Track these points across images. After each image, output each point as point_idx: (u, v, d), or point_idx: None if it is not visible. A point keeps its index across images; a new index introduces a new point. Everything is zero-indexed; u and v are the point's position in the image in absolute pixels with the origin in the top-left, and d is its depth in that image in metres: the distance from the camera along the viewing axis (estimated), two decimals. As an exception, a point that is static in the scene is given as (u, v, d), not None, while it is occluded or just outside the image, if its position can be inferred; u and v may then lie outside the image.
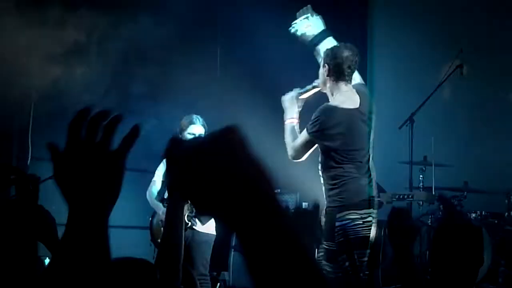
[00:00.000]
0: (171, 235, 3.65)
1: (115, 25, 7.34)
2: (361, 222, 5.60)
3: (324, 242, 5.72)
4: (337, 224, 5.64)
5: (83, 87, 7.28)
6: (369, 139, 5.89)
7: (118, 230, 9.84)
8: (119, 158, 2.34)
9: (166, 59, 8.46)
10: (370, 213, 5.65)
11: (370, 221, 5.61)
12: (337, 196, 5.80)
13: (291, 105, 6.14)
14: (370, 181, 5.81)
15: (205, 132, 7.30)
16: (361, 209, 5.67)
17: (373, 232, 5.64)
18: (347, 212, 5.66)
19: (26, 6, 7.17)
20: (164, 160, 5.51)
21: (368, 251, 5.61)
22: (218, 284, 8.97)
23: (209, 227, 7.09)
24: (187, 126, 7.27)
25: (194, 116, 7.37)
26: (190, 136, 7.14)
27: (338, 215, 5.65)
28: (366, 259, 5.59)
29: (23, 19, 6.97)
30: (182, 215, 3.71)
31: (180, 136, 7.23)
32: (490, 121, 9.46)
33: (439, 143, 9.09)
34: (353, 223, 5.59)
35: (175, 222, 3.64)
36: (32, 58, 7.04)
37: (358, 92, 5.95)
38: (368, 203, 5.67)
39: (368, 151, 5.91)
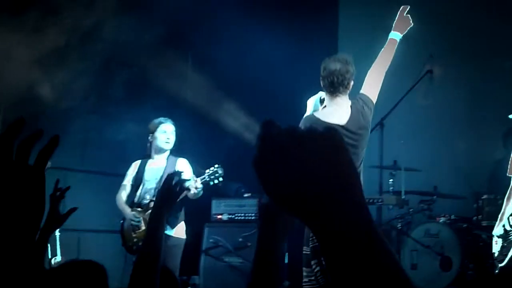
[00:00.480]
0: (152, 242, 3.69)
1: (91, 30, 7.36)
2: None
3: (303, 247, 5.70)
4: None
5: (60, 92, 7.28)
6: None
7: (91, 234, 9.88)
8: (36, 173, 2.29)
9: (143, 63, 8.44)
10: None
11: None
12: None
13: (310, 106, 6.14)
14: None
15: (175, 131, 7.28)
16: None
17: None
18: None
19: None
20: (136, 163, 5.50)
21: None
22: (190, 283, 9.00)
23: (180, 232, 7.07)
24: (157, 126, 7.20)
25: (162, 117, 7.30)
26: (162, 135, 7.16)
27: None
28: None
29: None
30: (164, 223, 3.73)
31: (150, 138, 7.21)
32: (460, 126, 9.51)
33: (409, 147, 9.14)
34: None
35: (158, 230, 3.67)
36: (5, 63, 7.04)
37: (352, 106, 5.98)
38: None
39: None
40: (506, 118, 8.08)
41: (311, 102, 6.11)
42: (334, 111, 5.91)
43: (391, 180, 8.95)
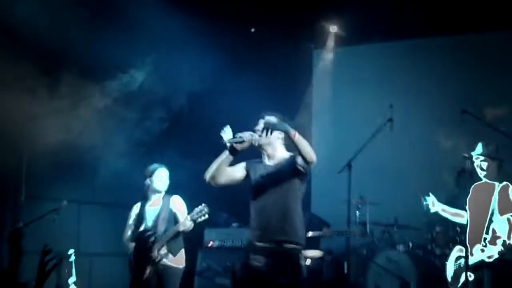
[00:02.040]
0: None
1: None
2: None
3: None
4: None
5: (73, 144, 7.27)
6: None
7: (100, 257, 9.80)
8: None
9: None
10: None
11: None
12: None
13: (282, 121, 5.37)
14: None
15: (168, 175, 7.22)
16: None
17: None
18: None
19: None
20: (137, 205, 5.33)
21: None
22: None
23: (179, 261, 6.94)
24: (153, 171, 7.10)
25: (157, 163, 7.22)
26: (158, 180, 7.10)
27: None
28: None
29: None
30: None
31: (148, 182, 7.15)
32: (417, 166, 9.53)
33: (373, 185, 9.14)
34: None
35: None
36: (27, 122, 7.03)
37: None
38: None
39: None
40: (456, 159, 8.13)
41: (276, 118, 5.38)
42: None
43: (357, 213, 8.93)
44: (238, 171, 5.57)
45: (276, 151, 5.47)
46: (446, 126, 8.73)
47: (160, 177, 7.10)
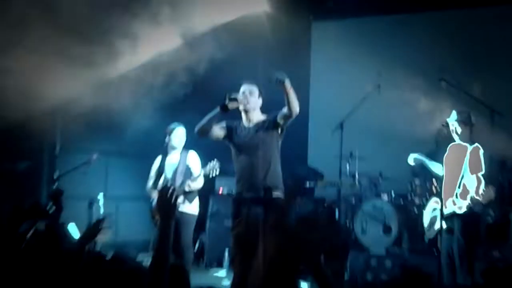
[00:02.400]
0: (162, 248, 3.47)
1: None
2: None
3: None
4: None
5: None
6: None
7: (125, 202, 9.87)
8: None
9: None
10: None
11: None
12: None
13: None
14: None
15: (186, 133, 7.24)
16: None
17: None
18: None
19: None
20: (158, 158, 5.23)
21: None
22: (198, 241, 9.10)
23: (194, 208, 7.07)
24: (172, 130, 7.21)
25: (176, 123, 7.29)
26: (176, 138, 7.19)
27: None
28: None
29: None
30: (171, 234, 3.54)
31: (167, 139, 7.20)
32: (400, 126, 9.54)
33: (362, 142, 9.22)
34: None
35: (165, 239, 3.50)
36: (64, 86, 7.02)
37: None
38: None
39: None
40: (435, 120, 8.19)
41: None
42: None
43: (348, 166, 9.04)
44: (220, 129, 5.76)
45: (255, 115, 5.71)
46: (426, 91, 8.78)
47: (177, 135, 7.19)
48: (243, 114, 5.72)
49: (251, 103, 5.65)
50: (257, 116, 5.72)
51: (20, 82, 6.43)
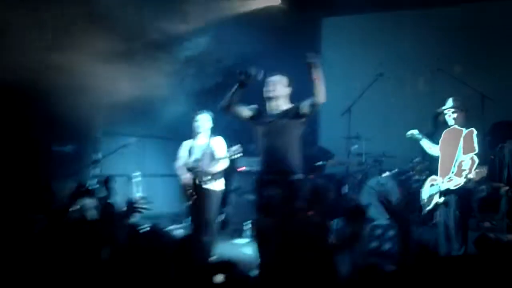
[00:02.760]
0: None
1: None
2: None
3: None
4: None
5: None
6: None
7: (160, 178, 9.94)
8: None
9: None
10: None
11: None
12: None
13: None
14: None
15: (211, 119, 7.17)
16: None
17: None
18: None
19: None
20: (187, 141, 5.09)
21: None
22: (222, 215, 9.06)
23: (219, 185, 7.03)
24: (198, 116, 7.12)
25: (202, 110, 7.18)
26: (200, 124, 7.09)
27: None
28: None
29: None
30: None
31: (195, 124, 7.23)
32: (402, 111, 9.56)
33: (367, 125, 9.22)
34: None
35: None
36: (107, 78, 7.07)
37: None
38: None
39: None
40: (432, 105, 8.16)
41: None
42: None
43: (355, 146, 9.05)
44: (248, 110, 5.63)
45: (282, 103, 5.53)
46: (425, 80, 8.80)
47: (202, 121, 7.10)
48: (270, 101, 5.54)
49: (277, 91, 5.48)
50: (284, 104, 5.54)
51: (69, 76, 6.51)
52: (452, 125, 6.54)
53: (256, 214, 5.57)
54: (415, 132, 7.10)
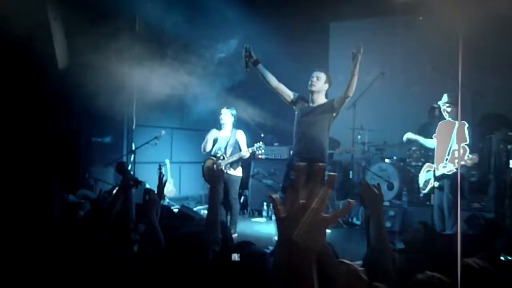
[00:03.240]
0: (214, 206, 3.46)
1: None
2: None
3: None
4: None
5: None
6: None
7: (186, 164, 10.05)
8: None
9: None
10: None
11: None
12: None
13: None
14: None
15: (232, 114, 7.17)
16: None
17: None
18: None
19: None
20: (214, 130, 5.12)
21: None
22: (242, 197, 9.14)
23: (238, 172, 7.11)
24: (221, 111, 7.18)
25: (225, 106, 7.25)
26: (222, 117, 7.13)
27: None
28: None
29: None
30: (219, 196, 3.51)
31: (220, 117, 7.21)
32: (400, 103, 9.57)
33: (370, 117, 9.24)
34: None
35: (216, 199, 3.47)
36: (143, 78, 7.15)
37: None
38: None
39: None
40: (428, 100, 8.19)
41: None
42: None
43: (359, 136, 9.10)
44: (288, 93, 5.61)
45: (319, 97, 5.51)
46: (421, 78, 8.80)
47: (225, 115, 7.14)
48: (311, 94, 5.50)
49: (316, 86, 5.45)
50: (321, 99, 5.51)
51: (111, 77, 6.62)
52: (446, 118, 6.62)
53: (282, 193, 5.52)
54: (409, 135, 7.17)
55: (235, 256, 3.11)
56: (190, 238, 2.91)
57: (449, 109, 6.53)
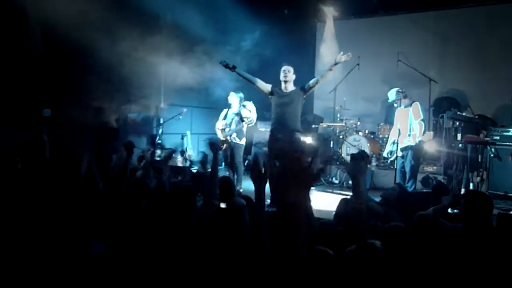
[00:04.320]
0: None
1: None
2: None
3: None
4: None
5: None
6: None
7: (202, 135, 10.02)
8: None
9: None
10: None
11: None
12: None
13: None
14: None
15: (238, 97, 7.04)
16: None
17: None
18: None
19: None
20: (225, 110, 5.02)
21: None
22: (246, 161, 9.15)
23: (242, 141, 7.05)
24: (229, 94, 7.13)
25: (233, 91, 7.17)
26: (230, 99, 7.07)
27: None
28: None
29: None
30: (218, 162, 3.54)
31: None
32: (372, 88, 9.47)
33: (348, 99, 9.21)
34: None
35: (215, 164, 3.53)
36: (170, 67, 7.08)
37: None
38: None
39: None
40: (397, 86, 8.11)
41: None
42: None
43: (338, 114, 9.07)
44: (266, 86, 5.73)
45: (290, 85, 5.67)
46: (390, 68, 8.71)
47: (230, 97, 7.10)
48: (282, 83, 5.68)
49: (288, 77, 5.63)
50: (291, 86, 5.70)
51: (145, 65, 6.58)
52: (401, 107, 6.55)
53: (268, 158, 5.60)
54: (389, 154, 6.96)
55: (223, 205, 3.30)
56: (183, 189, 3.04)
57: (399, 102, 6.57)
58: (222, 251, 2.08)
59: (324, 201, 6.13)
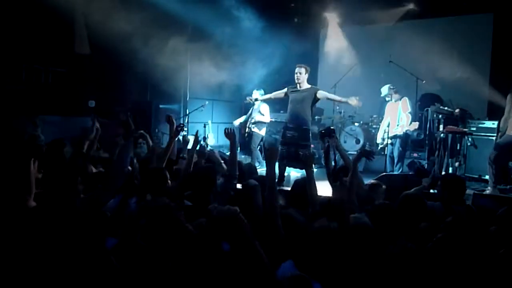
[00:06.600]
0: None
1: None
2: None
3: None
4: None
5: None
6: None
7: (222, 124, 10.00)
8: None
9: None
10: None
11: None
12: None
13: None
14: None
15: (260, 94, 6.85)
16: None
17: None
18: None
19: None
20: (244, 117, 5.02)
21: None
22: (259, 146, 9.05)
23: (261, 131, 7.05)
24: (253, 92, 7.07)
25: (256, 89, 7.09)
26: (254, 96, 6.85)
27: None
28: None
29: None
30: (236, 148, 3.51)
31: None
32: (368, 84, 9.35)
33: (346, 93, 9.01)
34: None
35: (234, 150, 3.50)
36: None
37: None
38: None
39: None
40: (388, 83, 8.03)
41: None
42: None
43: (337, 107, 8.96)
44: (282, 93, 5.72)
45: (304, 84, 5.55)
46: (382, 68, 8.62)
47: (254, 94, 6.95)
48: (297, 82, 5.54)
49: (301, 78, 5.49)
50: (305, 84, 5.55)
51: (172, 62, 6.61)
52: (392, 101, 6.56)
53: (281, 145, 5.64)
54: (381, 140, 6.88)
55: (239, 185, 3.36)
56: (205, 169, 3.25)
57: (390, 96, 6.57)
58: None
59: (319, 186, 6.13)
